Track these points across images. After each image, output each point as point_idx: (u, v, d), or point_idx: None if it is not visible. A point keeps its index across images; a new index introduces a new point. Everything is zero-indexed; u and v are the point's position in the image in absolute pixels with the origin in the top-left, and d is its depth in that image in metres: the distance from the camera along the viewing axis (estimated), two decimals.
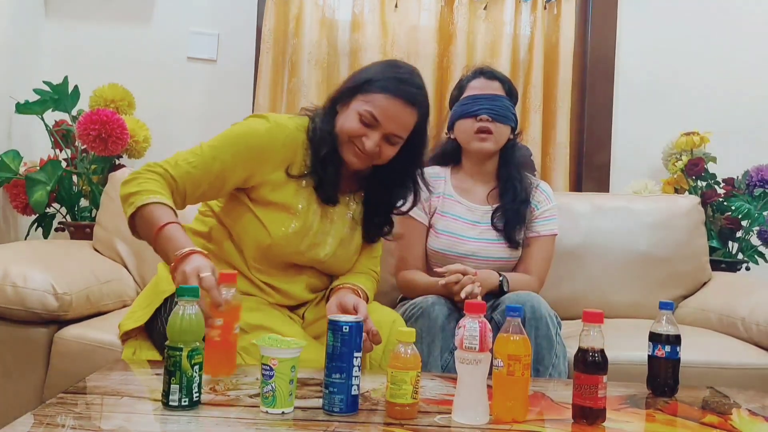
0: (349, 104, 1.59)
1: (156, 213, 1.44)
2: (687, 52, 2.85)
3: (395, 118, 1.56)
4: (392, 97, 1.55)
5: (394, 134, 1.58)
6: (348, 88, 1.62)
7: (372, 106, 1.55)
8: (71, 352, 1.69)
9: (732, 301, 2.06)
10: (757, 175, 2.52)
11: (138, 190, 1.47)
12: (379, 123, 1.55)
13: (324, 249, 1.65)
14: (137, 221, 1.47)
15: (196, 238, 1.64)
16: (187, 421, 1.11)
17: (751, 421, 1.28)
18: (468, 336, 1.16)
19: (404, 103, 1.56)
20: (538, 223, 1.99)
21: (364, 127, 1.56)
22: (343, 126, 1.59)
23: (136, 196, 1.46)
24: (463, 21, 2.75)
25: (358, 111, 1.56)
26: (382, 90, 1.55)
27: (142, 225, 1.46)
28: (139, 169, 1.53)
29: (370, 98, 1.56)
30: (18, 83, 2.53)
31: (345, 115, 1.59)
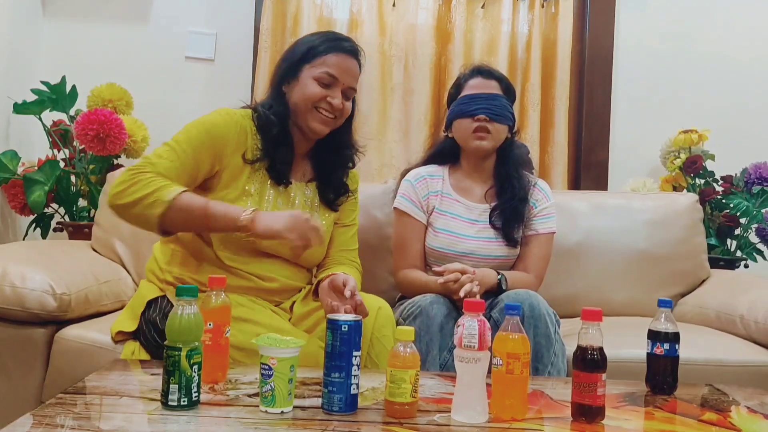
0: (298, 77, 1.67)
1: (189, 199, 1.50)
2: (685, 49, 2.85)
3: (349, 71, 1.68)
4: (340, 53, 1.67)
5: (350, 87, 1.69)
6: (289, 66, 1.69)
7: (326, 66, 1.65)
8: (70, 352, 1.69)
9: (730, 299, 2.07)
10: (755, 172, 2.52)
11: (152, 190, 1.49)
12: (338, 80, 1.66)
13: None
14: (171, 214, 1.49)
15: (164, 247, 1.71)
16: (187, 420, 1.11)
17: (750, 419, 1.28)
18: (467, 334, 1.16)
19: (351, 56, 1.69)
20: (536, 222, 1.99)
21: (324, 89, 1.65)
22: (303, 95, 1.65)
23: (156, 193, 1.48)
24: (460, 19, 2.75)
25: (312, 77, 1.65)
26: (328, 51, 1.66)
27: (179, 216, 1.49)
28: (126, 175, 1.53)
29: (320, 62, 1.65)
30: (16, 83, 2.53)
31: (298, 87, 1.66)
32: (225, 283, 1.37)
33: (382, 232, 2.22)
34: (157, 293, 1.65)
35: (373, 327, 1.60)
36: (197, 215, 1.50)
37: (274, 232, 1.49)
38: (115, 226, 2.20)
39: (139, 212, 1.50)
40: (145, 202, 1.48)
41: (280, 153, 1.67)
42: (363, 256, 2.21)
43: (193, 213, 1.50)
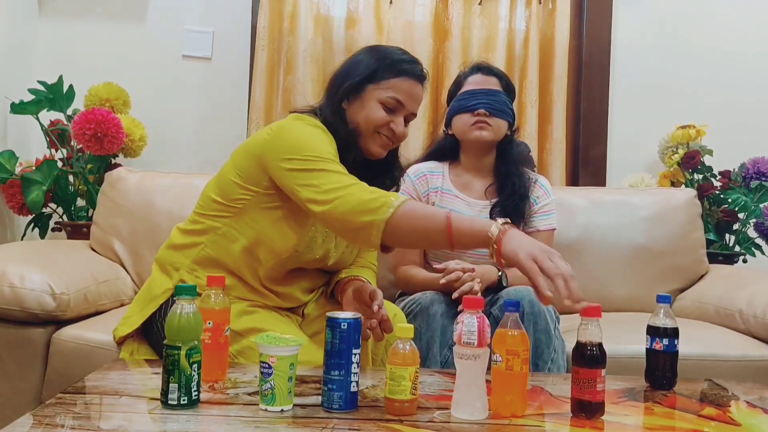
0: (362, 96, 1.57)
1: (421, 205, 1.44)
2: (682, 44, 2.85)
3: (415, 98, 1.60)
4: (409, 78, 1.58)
5: (413, 113, 1.62)
6: (354, 83, 1.58)
7: (394, 91, 1.56)
8: (70, 352, 1.69)
9: (729, 294, 2.07)
10: (753, 167, 2.52)
11: (376, 196, 1.36)
12: (404, 105, 1.58)
13: (335, 255, 1.63)
14: (401, 221, 1.33)
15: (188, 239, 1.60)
16: (187, 419, 1.11)
17: (750, 413, 1.28)
18: (466, 331, 1.16)
19: (418, 82, 1.60)
20: (537, 218, 1.99)
21: (389, 113, 1.57)
22: (367, 118, 1.56)
23: (382, 198, 1.35)
24: (458, 16, 2.75)
25: (378, 100, 1.56)
26: (398, 74, 1.57)
27: (411, 223, 1.34)
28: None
29: (388, 85, 1.57)
30: (12, 83, 2.53)
31: (361, 107, 1.57)
32: (224, 282, 1.37)
33: None
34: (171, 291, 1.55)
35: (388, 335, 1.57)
36: (437, 222, 1.33)
37: (519, 257, 1.26)
38: (114, 226, 2.20)
39: (365, 218, 1.34)
40: (370, 206, 1.34)
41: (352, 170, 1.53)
42: None
43: (430, 220, 1.35)
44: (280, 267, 1.58)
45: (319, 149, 1.47)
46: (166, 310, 1.55)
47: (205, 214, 1.60)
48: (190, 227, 1.63)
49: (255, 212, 1.54)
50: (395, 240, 1.36)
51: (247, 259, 1.56)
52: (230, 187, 1.56)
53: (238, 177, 1.56)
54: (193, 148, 2.74)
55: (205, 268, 1.57)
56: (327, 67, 2.75)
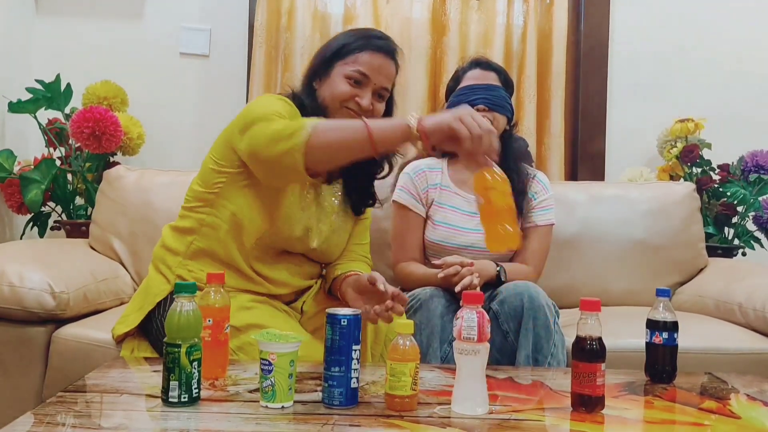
0: (330, 73, 1.61)
1: (337, 121, 1.44)
2: (680, 38, 2.85)
3: (382, 70, 1.61)
4: (374, 51, 1.60)
5: (382, 87, 1.62)
6: (322, 61, 1.63)
7: (357, 64, 1.59)
8: (70, 351, 1.69)
9: (729, 287, 2.07)
10: (752, 160, 2.52)
11: (288, 124, 1.39)
12: (369, 79, 1.59)
13: (318, 236, 1.64)
14: (320, 138, 1.35)
15: (179, 236, 1.62)
16: (187, 417, 1.11)
17: (750, 406, 1.28)
18: (466, 327, 1.16)
19: (385, 56, 1.61)
20: (535, 214, 1.99)
21: (354, 87, 1.59)
22: (332, 93, 1.59)
23: (296, 124, 1.37)
24: (455, 12, 2.75)
25: (343, 74, 1.59)
26: (362, 49, 1.60)
27: (331, 135, 1.36)
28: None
29: (352, 59, 1.59)
30: (10, 82, 2.52)
31: (328, 84, 1.61)
32: (223, 279, 1.37)
33: (380, 226, 2.21)
34: (168, 288, 1.58)
35: (387, 329, 1.60)
36: (355, 129, 1.35)
37: (444, 122, 1.31)
38: (113, 224, 2.20)
39: (280, 151, 1.36)
40: (285, 132, 1.36)
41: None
42: None
43: (347, 128, 1.37)
44: (265, 247, 1.59)
45: (267, 109, 1.48)
46: (164, 308, 1.57)
47: (191, 207, 1.62)
48: (179, 224, 1.64)
49: (231, 193, 1.57)
50: (319, 158, 1.38)
51: (234, 243, 1.58)
52: (209, 174, 1.59)
53: (214, 163, 1.59)
54: (191, 146, 2.74)
55: (198, 260, 1.59)
56: None
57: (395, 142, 1.40)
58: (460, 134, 1.29)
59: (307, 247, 1.65)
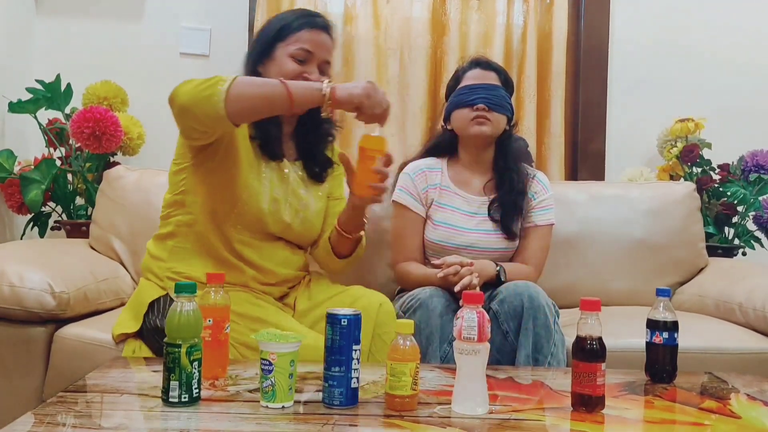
0: (273, 55, 1.69)
1: (258, 78, 1.55)
2: (680, 38, 2.84)
3: (323, 45, 1.71)
4: (313, 29, 1.69)
5: (325, 61, 1.72)
6: (262, 46, 1.71)
7: (300, 42, 1.67)
8: (70, 350, 1.69)
9: (729, 287, 2.07)
10: (752, 160, 2.52)
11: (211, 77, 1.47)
12: (313, 54, 1.68)
13: (289, 209, 1.72)
14: (241, 87, 1.45)
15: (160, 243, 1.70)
16: (188, 417, 1.11)
17: (750, 406, 1.28)
18: (466, 326, 1.16)
19: (324, 31, 1.72)
20: (534, 214, 1.99)
21: (300, 65, 1.68)
22: (281, 73, 1.65)
23: (218, 77, 1.46)
24: (455, 12, 2.75)
25: (288, 54, 1.67)
26: (301, 27, 1.68)
27: (250, 89, 1.48)
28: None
29: (294, 39, 1.68)
30: (10, 82, 2.52)
31: (274, 66, 1.68)
32: (224, 278, 1.37)
33: (380, 226, 2.22)
34: (159, 292, 1.64)
35: (374, 324, 1.61)
36: (272, 85, 1.48)
37: (354, 96, 1.50)
38: (113, 224, 2.20)
39: (202, 95, 1.45)
40: (207, 83, 1.45)
41: (271, 130, 1.69)
42: None
43: (266, 84, 1.50)
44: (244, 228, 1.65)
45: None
46: (156, 309, 1.61)
47: (167, 215, 1.72)
48: (159, 233, 1.72)
49: (195, 187, 1.65)
50: (240, 107, 1.46)
51: (214, 234, 1.65)
52: (173, 178, 1.70)
53: (174, 165, 1.70)
54: None
55: (183, 261, 1.65)
56: None
57: (310, 103, 1.52)
58: (365, 110, 1.51)
59: (284, 225, 1.69)
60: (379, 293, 1.72)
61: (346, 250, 1.81)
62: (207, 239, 1.65)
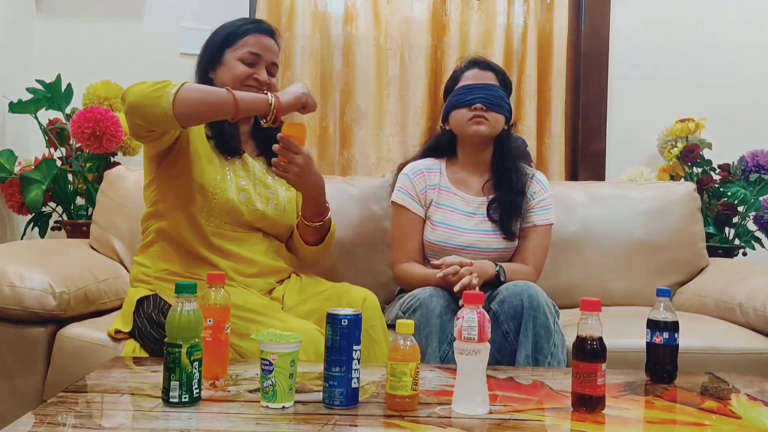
0: (222, 61, 1.77)
1: (202, 85, 1.62)
2: (681, 38, 2.84)
3: (269, 48, 1.80)
4: (259, 34, 1.78)
5: (273, 63, 1.81)
6: (212, 53, 1.78)
7: (248, 47, 1.76)
8: (71, 350, 1.69)
9: (729, 287, 2.07)
10: (752, 160, 2.52)
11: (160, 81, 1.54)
12: (261, 57, 1.77)
13: (259, 197, 1.77)
14: (187, 94, 1.52)
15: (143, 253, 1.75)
16: (188, 417, 1.11)
17: (750, 406, 1.28)
18: (467, 327, 1.16)
19: (269, 35, 1.81)
20: (534, 213, 1.99)
21: (249, 67, 1.76)
22: (232, 76, 1.74)
23: (167, 81, 1.53)
24: (456, 11, 2.75)
25: (237, 58, 1.76)
26: (247, 33, 1.77)
27: (196, 95, 1.54)
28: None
29: (240, 44, 1.76)
30: (10, 82, 2.52)
31: (225, 70, 1.76)
32: (224, 278, 1.37)
33: (380, 226, 2.22)
34: (146, 293, 1.68)
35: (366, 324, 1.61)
36: (220, 93, 1.56)
37: (299, 97, 1.64)
38: (113, 225, 2.20)
39: (152, 96, 1.51)
40: (157, 86, 1.52)
41: (225, 127, 1.73)
42: (361, 251, 2.22)
43: (213, 92, 1.57)
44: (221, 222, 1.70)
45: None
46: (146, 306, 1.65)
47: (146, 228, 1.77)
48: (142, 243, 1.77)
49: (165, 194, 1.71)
50: (186, 109, 1.52)
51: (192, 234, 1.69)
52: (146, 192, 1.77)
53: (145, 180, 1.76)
54: None
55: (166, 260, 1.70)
56: (325, 63, 2.75)
57: (254, 112, 1.62)
58: (309, 106, 1.66)
59: (259, 213, 1.75)
60: (365, 289, 1.74)
61: (312, 237, 1.84)
62: (184, 239, 1.70)
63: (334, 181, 2.32)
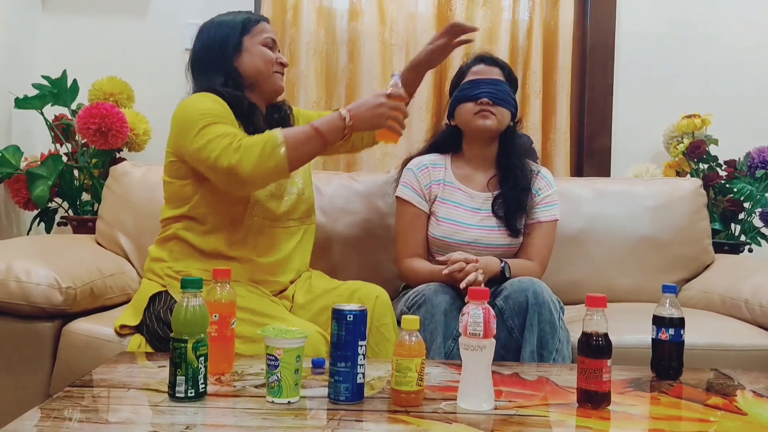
0: (244, 48, 1.79)
1: (293, 130, 1.64)
2: (687, 33, 2.83)
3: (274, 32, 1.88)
4: (261, 21, 1.84)
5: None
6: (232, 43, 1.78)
7: (265, 33, 1.82)
8: (78, 345, 1.69)
9: (735, 283, 2.06)
10: (758, 156, 2.51)
11: (262, 141, 1.57)
12: (275, 41, 1.85)
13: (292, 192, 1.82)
14: (295, 149, 1.58)
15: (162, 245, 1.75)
16: (194, 412, 1.12)
17: (756, 402, 1.28)
18: (472, 322, 1.16)
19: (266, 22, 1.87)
20: (539, 209, 1.99)
21: (272, 51, 1.82)
22: (263, 59, 1.78)
23: (269, 141, 1.57)
24: (461, 7, 2.74)
25: (260, 43, 1.80)
26: (258, 21, 1.83)
27: (299, 148, 1.59)
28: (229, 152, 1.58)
29: (257, 31, 1.81)
30: (16, 78, 2.53)
31: (249, 56, 1.78)
32: (230, 274, 1.38)
33: (385, 222, 2.22)
34: (159, 289, 1.68)
35: (372, 316, 1.63)
36: (309, 135, 1.61)
37: (371, 125, 1.67)
38: (119, 220, 2.20)
39: (268, 166, 1.56)
40: (266, 153, 1.55)
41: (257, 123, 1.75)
42: (366, 246, 2.22)
43: (309, 137, 1.61)
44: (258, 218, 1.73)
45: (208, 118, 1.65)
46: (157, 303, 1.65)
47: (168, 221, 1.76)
48: (162, 236, 1.76)
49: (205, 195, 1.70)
50: (297, 164, 1.62)
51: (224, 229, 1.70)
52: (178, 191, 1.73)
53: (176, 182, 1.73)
54: None
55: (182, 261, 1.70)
56: (330, 59, 2.74)
57: (338, 139, 1.65)
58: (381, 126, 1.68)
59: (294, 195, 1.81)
60: (377, 286, 1.75)
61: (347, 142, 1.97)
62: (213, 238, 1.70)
63: (340, 177, 2.32)
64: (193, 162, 1.65)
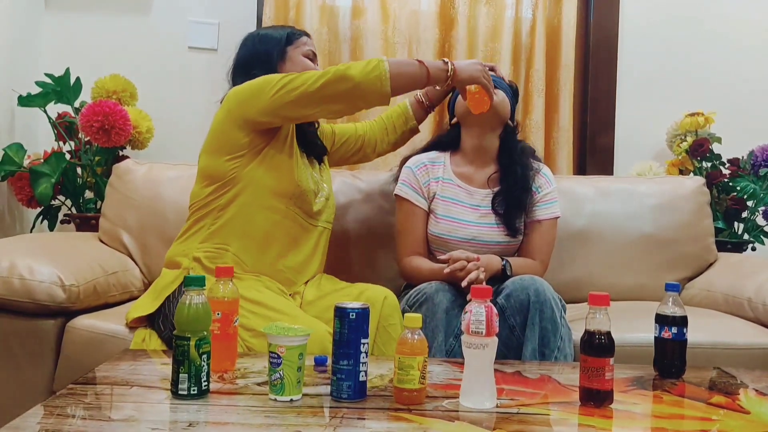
0: (287, 58, 1.87)
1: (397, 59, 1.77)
2: (690, 31, 2.83)
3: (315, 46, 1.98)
4: (305, 36, 1.94)
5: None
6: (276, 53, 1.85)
7: (307, 45, 1.91)
8: (81, 342, 1.70)
9: (738, 282, 2.06)
10: (762, 154, 2.50)
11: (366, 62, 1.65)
12: (316, 55, 1.94)
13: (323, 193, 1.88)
14: (397, 69, 1.64)
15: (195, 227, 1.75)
16: (197, 409, 1.12)
17: (759, 401, 1.28)
18: (474, 321, 1.16)
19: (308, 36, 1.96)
20: (540, 207, 1.99)
21: (312, 61, 1.90)
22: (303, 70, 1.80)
23: (371, 60, 1.64)
24: (464, 5, 2.73)
25: (302, 55, 1.88)
26: (300, 35, 1.92)
27: (403, 68, 1.66)
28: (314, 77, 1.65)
29: (300, 42, 1.90)
30: (19, 76, 2.53)
31: (292, 65, 1.86)
32: (232, 272, 1.38)
33: (387, 220, 2.22)
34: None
35: (379, 316, 1.65)
36: (416, 65, 1.67)
37: (474, 81, 1.75)
38: (122, 218, 2.21)
39: (373, 75, 1.61)
40: (370, 65, 1.62)
41: (308, 132, 1.88)
42: (367, 245, 2.22)
43: (411, 64, 1.68)
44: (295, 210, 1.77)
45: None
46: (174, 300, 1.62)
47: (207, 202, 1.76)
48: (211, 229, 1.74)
49: (249, 171, 1.73)
50: (397, 83, 1.64)
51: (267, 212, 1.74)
52: (224, 165, 1.74)
53: (226, 156, 1.74)
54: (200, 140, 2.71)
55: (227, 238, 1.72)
56: (333, 57, 2.74)
57: (439, 80, 1.72)
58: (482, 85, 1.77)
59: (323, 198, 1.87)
60: (384, 288, 1.76)
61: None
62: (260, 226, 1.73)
63: (342, 174, 2.32)
64: (272, 109, 1.68)
